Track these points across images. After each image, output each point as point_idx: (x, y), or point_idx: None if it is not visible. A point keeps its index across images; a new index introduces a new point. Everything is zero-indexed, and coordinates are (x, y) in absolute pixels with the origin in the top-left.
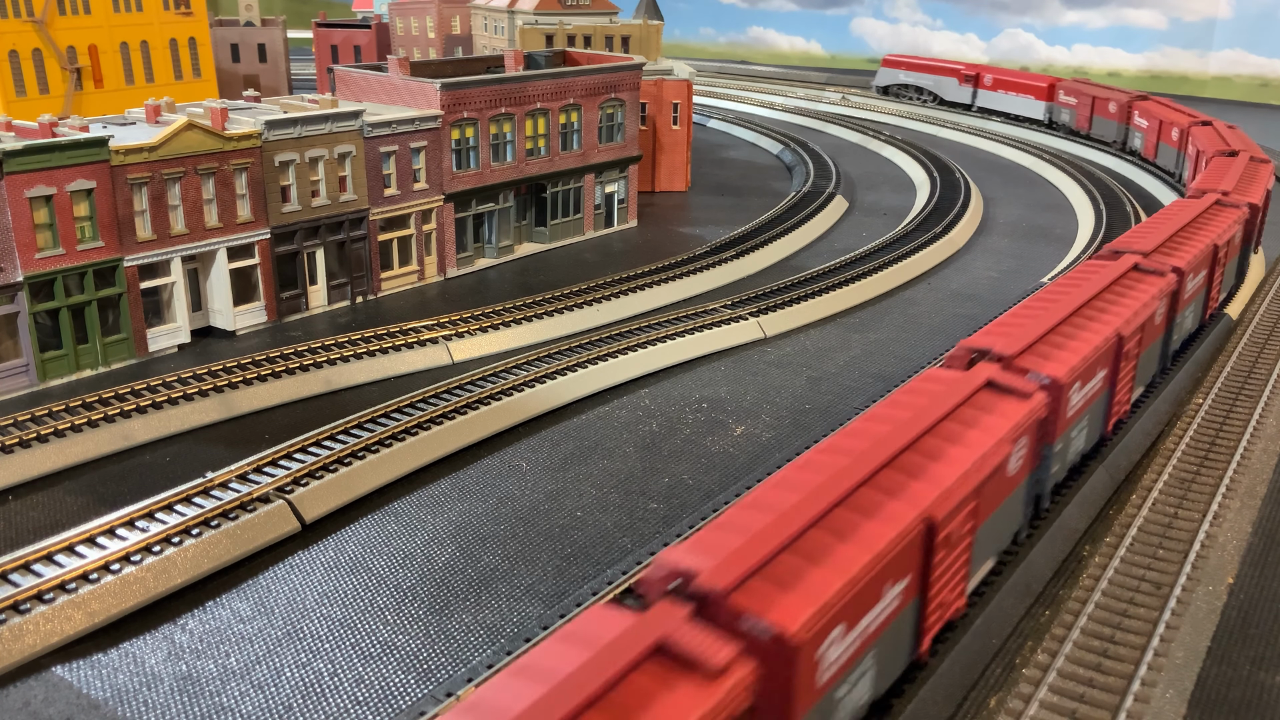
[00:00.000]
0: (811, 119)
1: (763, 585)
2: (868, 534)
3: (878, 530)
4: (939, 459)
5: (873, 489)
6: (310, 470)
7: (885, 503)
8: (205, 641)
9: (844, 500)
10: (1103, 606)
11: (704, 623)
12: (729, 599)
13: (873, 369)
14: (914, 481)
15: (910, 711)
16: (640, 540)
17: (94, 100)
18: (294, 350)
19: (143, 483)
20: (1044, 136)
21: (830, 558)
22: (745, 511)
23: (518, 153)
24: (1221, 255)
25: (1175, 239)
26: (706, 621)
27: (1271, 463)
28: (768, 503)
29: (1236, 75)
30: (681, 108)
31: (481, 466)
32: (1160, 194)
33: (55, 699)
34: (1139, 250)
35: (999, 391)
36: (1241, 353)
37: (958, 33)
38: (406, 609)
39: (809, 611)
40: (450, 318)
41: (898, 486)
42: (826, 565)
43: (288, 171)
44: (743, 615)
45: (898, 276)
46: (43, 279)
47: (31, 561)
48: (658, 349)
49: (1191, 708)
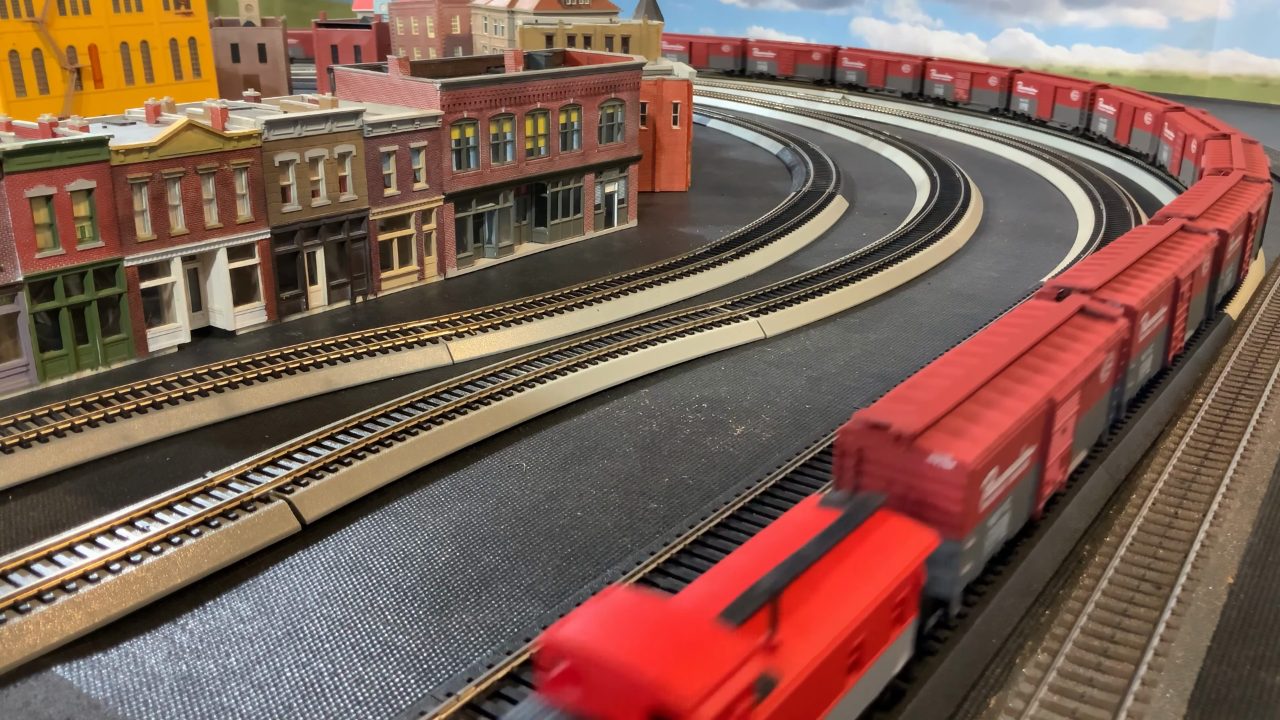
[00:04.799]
0: (811, 119)
1: (938, 434)
2: (1008, 405)
3: (1015, 404)
4: (1052, 360)
5: (1005, 378)
6: (310, 470)
7: (1017, 387)
8: (205, 641)
9: (987, 383)
10: (1103, 606)
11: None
12: (916, 440)
13: (873, 369)
14: (1035, 375)
15: (910, 711)
16: (640, 540)
17: (94, 100)
18: (294, 350)
19: (143, 483)
20: (1044, 137)
21: (983, 420)
22: (909, 391)
23: (518, 153)
24: (1254, 221)
25: (1217, 205)
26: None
27: (1271, 463)
28: (926, 385)
29: (1236, 75)
30: (681, 108)
31: (481, 466)
32: (1161, 194)
33: (55, 699)
34: (1186, 215)
35: (1090, 316)
36: (1241, 353)
37: (958, 33)
38: (406, 609)
39: (978, 450)
40: (450, 318)
41: (1024, 377)
42: (982, 424)
43: (288, 171)
44: (930, 452)
45: (898, 276)
46: (43, 279)
47: (31, 561)
48: (658, 349)
49: (1191, 708)
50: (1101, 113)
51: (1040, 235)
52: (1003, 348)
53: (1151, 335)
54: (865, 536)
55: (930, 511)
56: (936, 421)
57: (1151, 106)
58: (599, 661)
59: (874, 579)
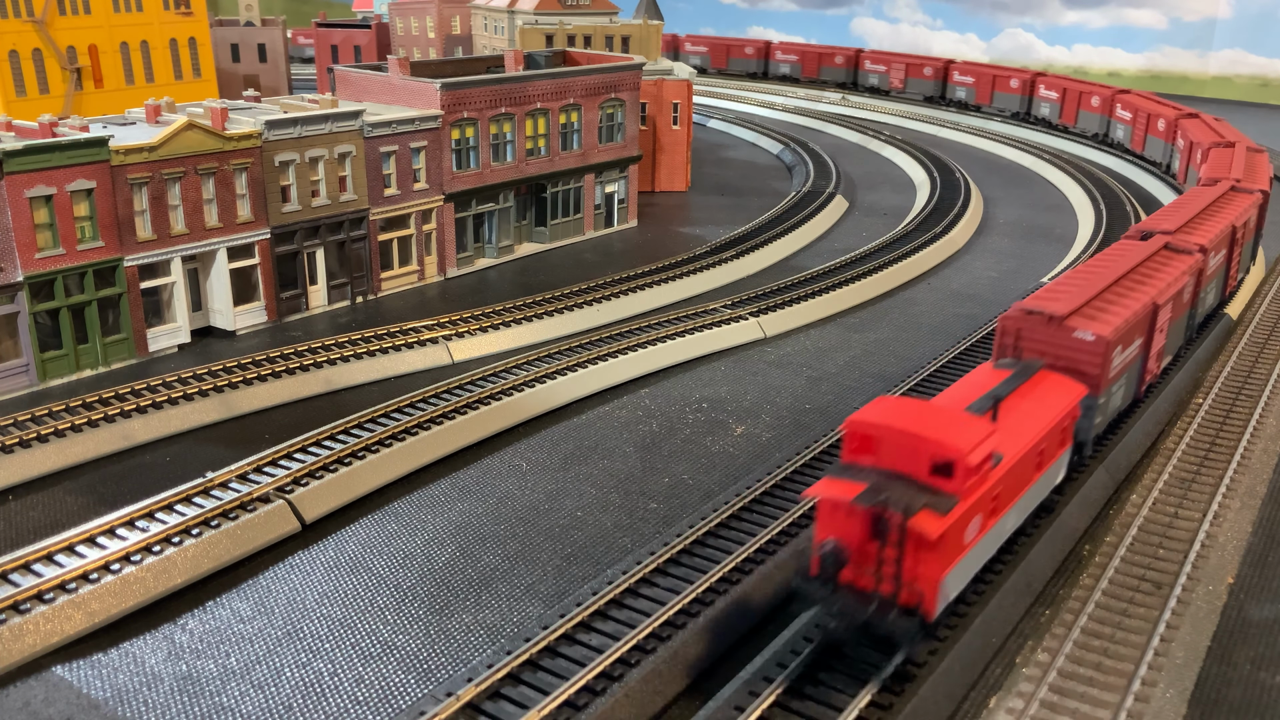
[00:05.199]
0: (811, 119)
1: (1079, 318)
2: (1125, 303)
3: (1130, 303)
4: (1150, 278)
5: (1119, 286)
6: (310, 470)
7: (1129, 292)
8: (205, 641)
9: (1108, 288)
10: (1103, 606)
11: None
12: (1065, 321)
13: (873, 369)
14: (1140, 286)
15: (911, 710)
16: (640, 540)
17: (94, 100)
18: (294, 350)
19: (143, 483)
20: (1043, 136)
21: (1109, 311)
22: (1046, 294)
23: (518, 153)
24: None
25: (1246, 169)
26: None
27: (1271, 463)
28: (1059, 290)
29: (1236, 75)
30: (681, 108)
31: (481, 466)
32: (1161, 194)
33: (55, 699)
34: (1233, 177)
35: (1174, 251)
36: (1241, 353)
37: (958, 33)
38: (406, 609)
39: (1109, 329)
40: (450, 318)
41: (1132, 287)
42: (1109, 313)
43: (288, 171)
44: (1075, 329)
45: (898, 276)
46: (43, 279)
47: (31, 561)
48: (658, 349)
49: (1191, 707)
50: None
51: (1040, 235)
52: (1113, 267)
53: (1214, 273)
54: (1036, 385)
55: (1076, 374)
56: (1077, 310)
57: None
58: (892, 432)
59: (1048, 410)
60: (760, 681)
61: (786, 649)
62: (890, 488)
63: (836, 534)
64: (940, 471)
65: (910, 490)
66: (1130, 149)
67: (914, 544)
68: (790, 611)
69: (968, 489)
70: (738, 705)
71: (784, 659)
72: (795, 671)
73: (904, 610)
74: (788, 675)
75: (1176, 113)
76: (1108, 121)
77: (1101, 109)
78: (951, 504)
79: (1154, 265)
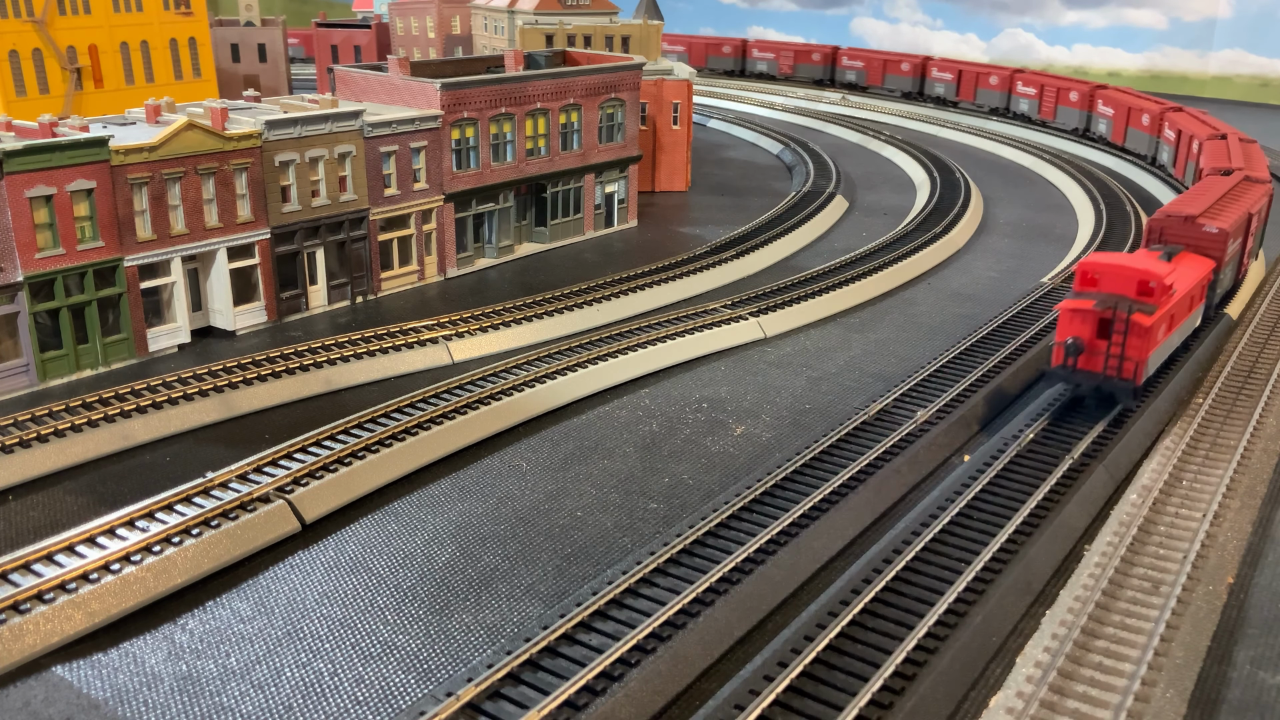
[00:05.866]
0: (811, 119)
1: (1204, 218)
2: (1231, 210)
3: (1234, 210)
4: (1240, 198)
5: (1221, 200)
6: (310, 470)
7: (1229, 205)
8: (205, 641)
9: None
10: (1103, 606)
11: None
12: (1196, 219)
13: (873, 369)
14: (1235, 202)
15: (911, 709)
16: (640, 540)
17: (94, 100)
18: (294, 350)
19: (143, 483)
20: (1044, 136)
21: (1223, 214)
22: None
23: (518, 153)
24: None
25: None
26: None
27: (1271, 463)
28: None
29: (1236, 75)
30: (681, 108)
31: (481, 466)
32: (1161, 194)
33: (55, 699)
34: (1235, 166)
35: (1251, 181)
36: (1241, 353)
37: (958, 33)
38: (406, 609)
39: (1228, 224)
40: (450, 318)
41: (1228, 204)
42: (1222, 217)
43: (288, 171)
44: (1203, 225)
45: (898, 276)
46: (43, 279)
47: (31, 561)
48: (658, 349)
49: (1191, 708)
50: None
51: (1040, 235)
52: (1212, 191)
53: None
54: (1181, 260)
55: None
56: (1203, 212)
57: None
58: (1112, 268)
59: (1193, 273)
60: (760, 681)
61: (787, 648)
62: (1113, 301)
63: (1075, 334)
64: (1144, 292)
65: (1127, 301)
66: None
67: (1133, 332)
68: (1034, 391)
69: (1162, 302)
70: (738, 704)
71: (784, 658)
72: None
73: (1123, 379)
74: (788, 674)
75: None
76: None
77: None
78: (1154, 310)
79: (1239, 191)
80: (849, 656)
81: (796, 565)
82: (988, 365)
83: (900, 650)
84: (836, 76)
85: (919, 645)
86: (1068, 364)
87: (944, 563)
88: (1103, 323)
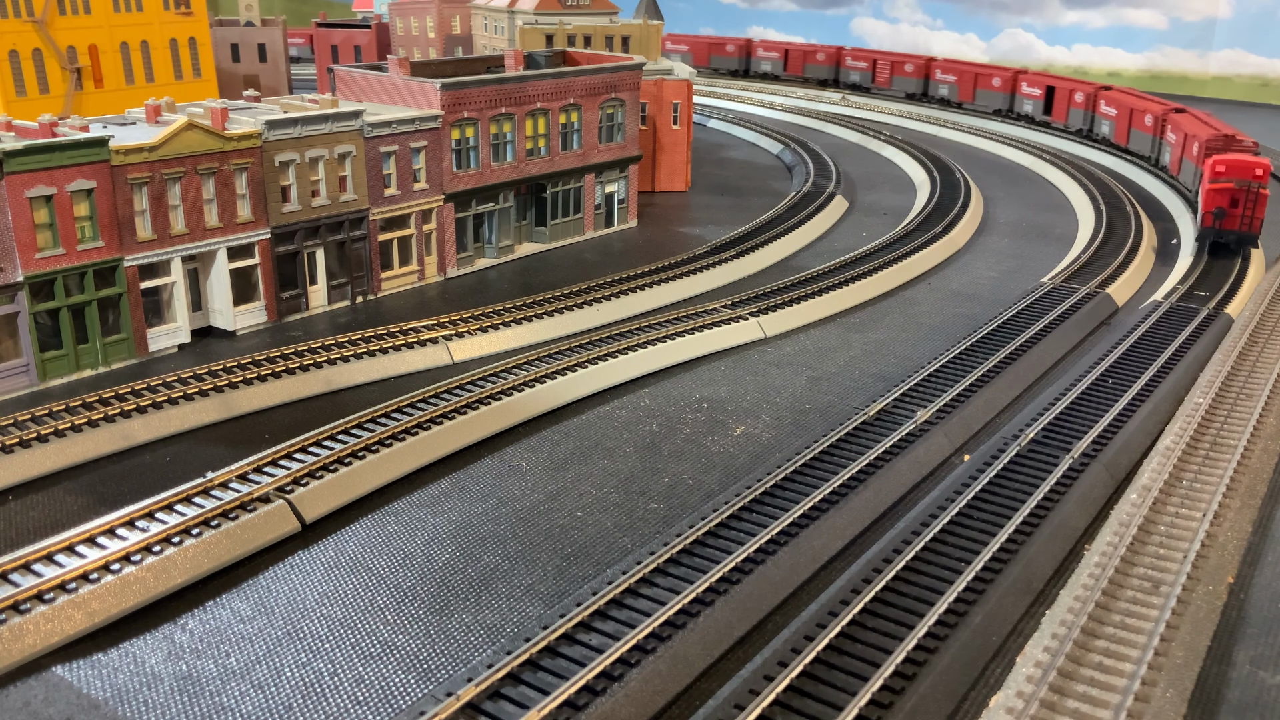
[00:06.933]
0: (811, 119)
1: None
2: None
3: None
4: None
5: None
6: (310, 470)
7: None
8: (205, 641)
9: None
10: (1103, 606)
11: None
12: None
13: (873, 369)
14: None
15: (911, 709)
16: (640, 540)
17: (94, 100)
18: (294, 350)
19: (143, 483)
20: (1044, 136)
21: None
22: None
23: (518, 153)
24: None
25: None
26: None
27: (1271, 463)
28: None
29: (1236, 75)
30: (681, 108)
31: (481, 466)
32: (1161, 194)
33: (55, 699)
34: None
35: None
36: (1241, 353)
37: (958, 33)
38: (406, 609)
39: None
40: (450, 318)
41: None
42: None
43: (288, 171)
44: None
45: (898, 276)
46: (43, 279)
47: (31, 561)
48: (658, 349)
49: (1191, 708)
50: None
51: (1040, 235)
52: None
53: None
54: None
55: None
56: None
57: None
58: (1237, 161)
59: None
60: (760, 681)
61: (787, 648)
62: (1245, 183)
63: (1218, 205)
64: (1261, 175)
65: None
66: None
67: (1260, 201)
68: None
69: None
70: (738, 704)
71: (784, 658)
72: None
73: (1251, 232)
74: (788, 674)
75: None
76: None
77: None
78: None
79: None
80: (849, 656)
81: (796, 565)
82: (986, 366)
83: (900, 650)
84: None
85: (919, 645)
86: (1216, 225)
87: (944, 563)
88: (1234, 198)
